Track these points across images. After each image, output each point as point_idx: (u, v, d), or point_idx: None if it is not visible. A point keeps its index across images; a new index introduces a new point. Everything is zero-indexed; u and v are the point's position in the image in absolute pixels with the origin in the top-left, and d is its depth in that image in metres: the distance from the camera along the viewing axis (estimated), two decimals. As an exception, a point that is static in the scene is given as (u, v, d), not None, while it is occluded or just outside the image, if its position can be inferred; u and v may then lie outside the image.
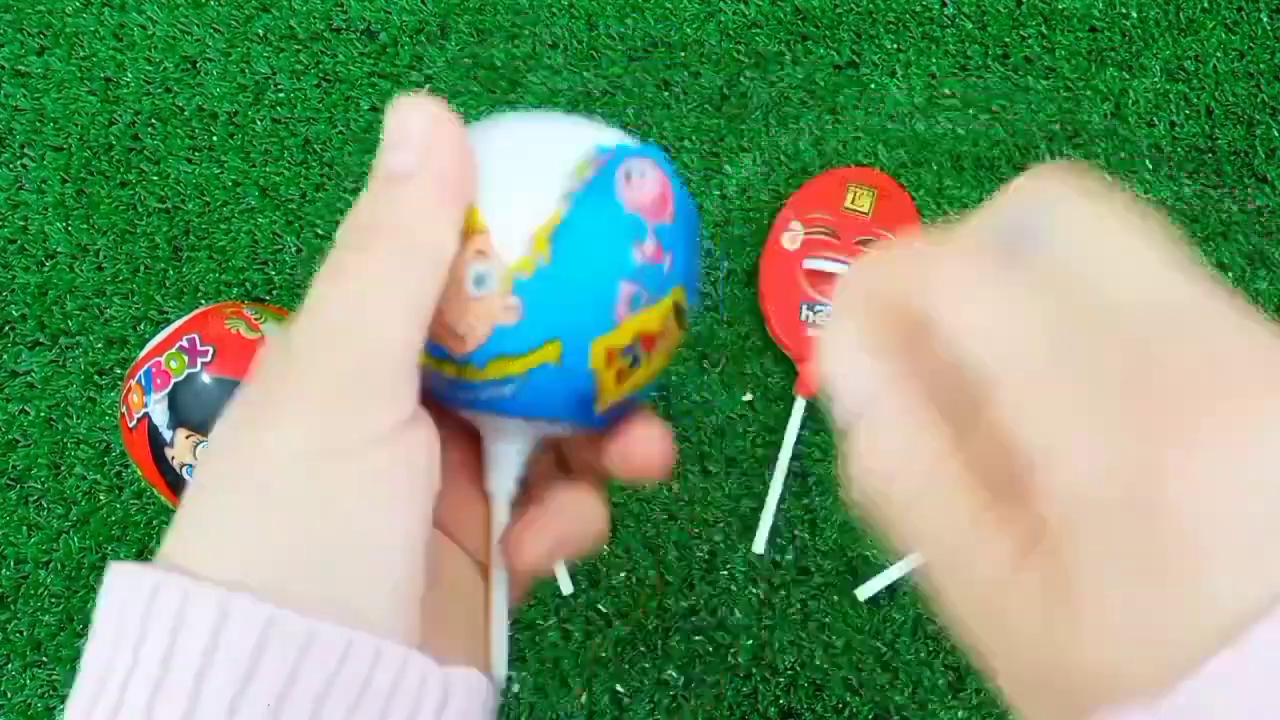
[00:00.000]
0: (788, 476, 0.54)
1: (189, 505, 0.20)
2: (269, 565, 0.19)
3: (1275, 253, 0.57)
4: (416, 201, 0.21)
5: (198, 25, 0.61)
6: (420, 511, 0.21)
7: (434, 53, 0.60)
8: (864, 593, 0.52)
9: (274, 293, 0.57)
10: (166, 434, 0.45)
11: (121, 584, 0.19)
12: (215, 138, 0.59)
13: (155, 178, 0.59)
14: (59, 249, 0.58)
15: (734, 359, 0.56)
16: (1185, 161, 0.58)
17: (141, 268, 0.57)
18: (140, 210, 0.58)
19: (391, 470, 0.20)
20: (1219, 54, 0.60)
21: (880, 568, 0.53)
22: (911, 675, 0.52)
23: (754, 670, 0.52)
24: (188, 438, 0.45)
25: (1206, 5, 0.60)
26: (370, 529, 0.20)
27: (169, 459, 0.46)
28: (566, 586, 0.53)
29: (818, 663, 0.52)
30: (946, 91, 0.59)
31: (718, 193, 0.58)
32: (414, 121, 0.21)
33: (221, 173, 0.59)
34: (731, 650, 0.52)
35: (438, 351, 0.22)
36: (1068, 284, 0.16)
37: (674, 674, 0.52)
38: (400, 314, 0.20)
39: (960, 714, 0.51)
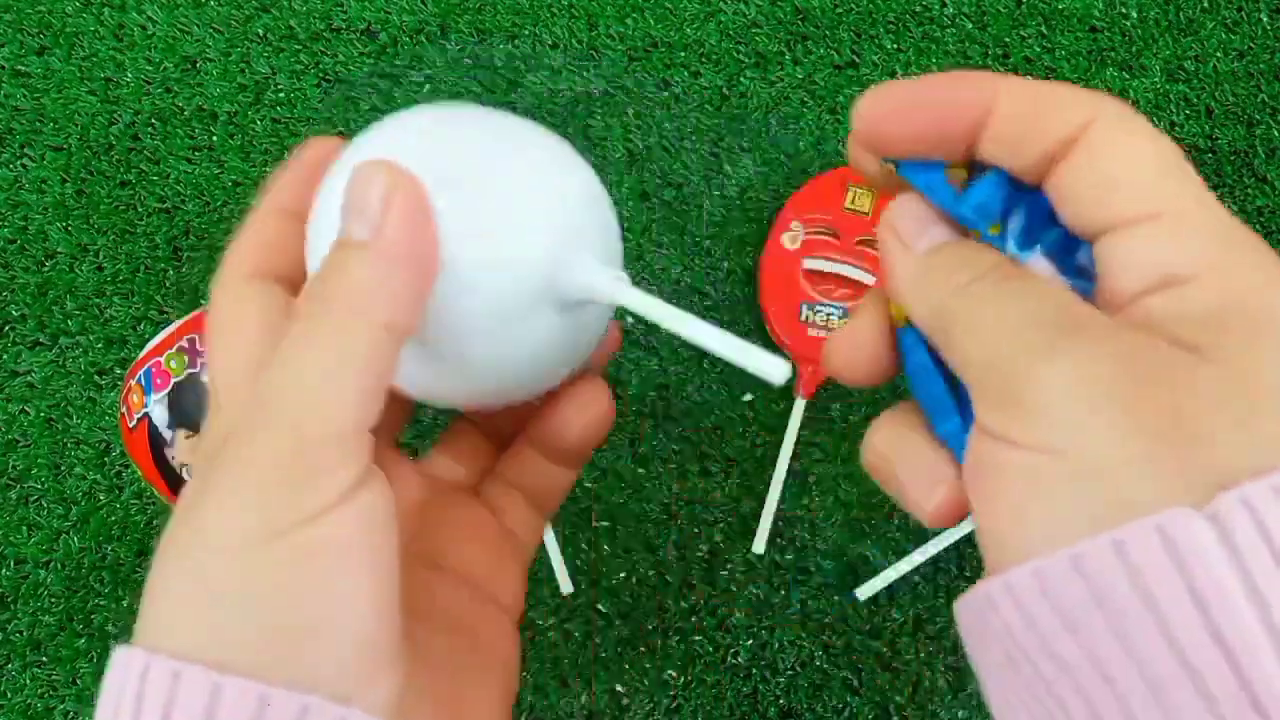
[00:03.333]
0: (788, 476, 0.54)
1: (149, 585, 0.20)
2: (215, 647, 0.19)
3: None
4: (366, 271, 0.21)
5: (198, 25, 0.61)
6: (378, 574, 0.20)
7: (434, 53, 0.60)
8: (864, 593, 0.52)
9: (274, 293, 0.57)
10: (166, 434, 0.45)
11: (116, 662, 0.20)
12: (215, 138, 0.59)
13: (155, 178, 0.59)
14: (59, 249, 0.58)
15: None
16: (1185, 161, 0.58)
17: (141, 268, 0.57)
18: (140, 210, 0.58)
19: (334, 542, 0.20)
20: (1219, 54, 0.60)
21: (880, 568, 0.53)
22: (911, 675, 0.52)
23: (754, 670, 0.52)
24: (188, 438, 0.45)
25: (1206, 5, 0.60)
26: (317, 601, 0.19)
27: (169, 459, 0.46)
28: (566, 586, 0.53)
29: (818, 663, 0.52)
30: (946, 91, 0.59)
31: (718, 193, 0.58)
32: (370, 189, 0.21)
33: (221, 173, 0.59)
34: (731, 650, 0.52)
35: None
36: None
37: (674, 674, 0.52)
38: (341, 387, 0.20)
39: (960, 714, 0.51)
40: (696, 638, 0.53)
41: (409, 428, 0.55)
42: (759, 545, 0.53)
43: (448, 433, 0.30)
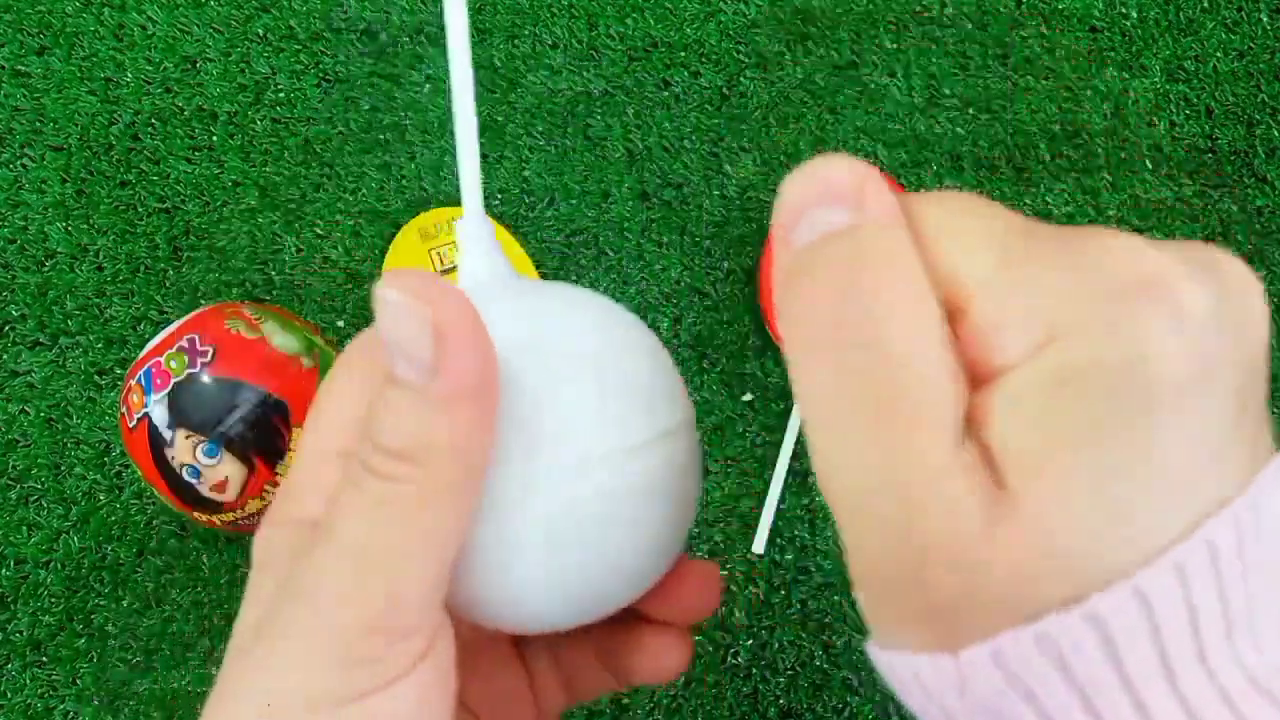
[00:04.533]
0: (788, 476, 0.54)
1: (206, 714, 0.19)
2: None
3: (1275, 253, 0.57)
4: (429, 420, 0.18)
5: (198, 25, 0.61)
6: None
7: (434, 53, 0.60)
8: (864, 593, 0.52)
9: (274, 293, 0.57)
10: (166, 434, 0.45)
11: None
12: (215, 138, 0.59)
13: (155, 178, 0.59)
14: (59, 249, 0.58)
15: (734, 359, 0.56)
16: (1185, 161, 0.58)
17: (141, 268, 0.57)
18: (140, 210, 0.58)
19: (401, 709, 0.19)
20: (1219, 54, 0.60)
21: (880, 568, 0.53)
22: (911, 675, 0.52)
23: (754, 670, 0.52)
24: (187, 438, 0.45)
25: (1206, 5, 0.60)
26: None
27: (169, 459, 0.46)
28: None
29: (817, 663, 0.52)
30: (946, 91, 0.59)
31: (718, 193, 0.58)
32: (409, 322, 0.17)
33: (221, 173, 0.59)
34: (731, 650, 0.52)
35: None
36: None
37: (674, 674, 0.52)
38: (419, 556, 0.19)
39: (960, 714, 0.51)
40: (696, 638, 0.53)
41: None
42: (759, 545, 0.53)
43: None
